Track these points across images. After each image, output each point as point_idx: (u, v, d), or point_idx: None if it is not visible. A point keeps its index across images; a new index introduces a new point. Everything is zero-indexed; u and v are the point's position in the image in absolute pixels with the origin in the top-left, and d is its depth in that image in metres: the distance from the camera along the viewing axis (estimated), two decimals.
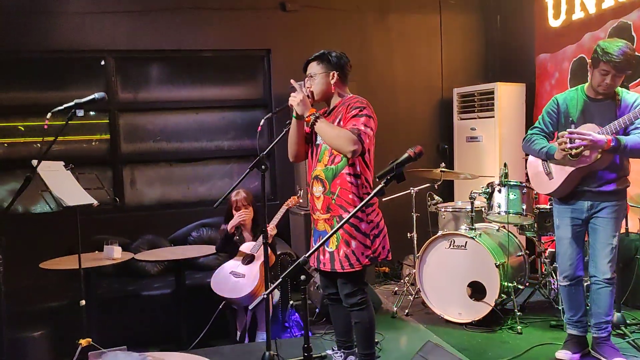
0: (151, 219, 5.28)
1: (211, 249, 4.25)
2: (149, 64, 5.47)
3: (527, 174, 3.63)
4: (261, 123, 2.84)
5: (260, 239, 3.73)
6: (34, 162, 2.88)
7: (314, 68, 2.90)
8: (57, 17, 5.02)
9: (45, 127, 2.64)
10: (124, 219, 5.21)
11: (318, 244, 2.09)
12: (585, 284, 3.31)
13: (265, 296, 1.95)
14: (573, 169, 3.05)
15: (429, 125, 6.01)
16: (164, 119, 5.52)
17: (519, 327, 3.76)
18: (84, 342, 3.17)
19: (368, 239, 2.81)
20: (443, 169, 4.30)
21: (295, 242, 5.42)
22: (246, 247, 3.95)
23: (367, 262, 2.82)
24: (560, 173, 3.12)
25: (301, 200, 3.96)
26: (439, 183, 4.42)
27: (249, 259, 3.87)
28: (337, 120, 2.84)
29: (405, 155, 2.05)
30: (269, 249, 3.12)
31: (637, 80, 4.20)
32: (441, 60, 6.02)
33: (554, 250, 4.27)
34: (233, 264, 3.91)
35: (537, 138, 3.24)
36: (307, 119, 2.82)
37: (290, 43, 5.58)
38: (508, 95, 5.40)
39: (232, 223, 3.93)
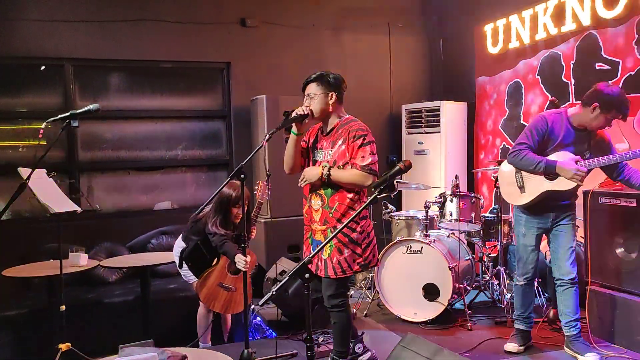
0: (108, 227, 5.26)
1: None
2: (109, 73, 5.48)
3: (496, 178, 4.06)
4: (265, 138, 2.96)
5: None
6: (21, 170, 2.93)
7: (314, 89, 3.11)
8: (16, 24, 4.95)
9: (40, 135, 2.71)
10: (79, 226, 5.14)
11: (317, 249, 2.35)
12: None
13: (274, 293, 2.16)
14: (549, 189, 3.45)
15: (379, 139, 6.22)
16: (123, 128, 5.54)
17: (469, 324, 4.15)
18: (63, 346, 3.19)
19: (360, 247, 3.07)
20: (399, 180, 4.65)
21: (254, 250, 5.55)
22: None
23: (358, 269, 3.08)
24: (534, 190, 3.51)
25: (269, 186, 3.78)
26: (394, 193, 4.76)
27: (234, 268, 3.72)
28: (340, 142, 3.07)
29: (397, 167, 2.33)
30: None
31: (569, 102, 4.74)
32: (390, 78, 6.45)
33: (495, 255, 4.74)
34: (218, 274, 3.79)
35: (528, 152, 3.42)
36: (323, 178, 3.03)
37: (249, 57, 5.80)
38: (452, 113, 5.88)
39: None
